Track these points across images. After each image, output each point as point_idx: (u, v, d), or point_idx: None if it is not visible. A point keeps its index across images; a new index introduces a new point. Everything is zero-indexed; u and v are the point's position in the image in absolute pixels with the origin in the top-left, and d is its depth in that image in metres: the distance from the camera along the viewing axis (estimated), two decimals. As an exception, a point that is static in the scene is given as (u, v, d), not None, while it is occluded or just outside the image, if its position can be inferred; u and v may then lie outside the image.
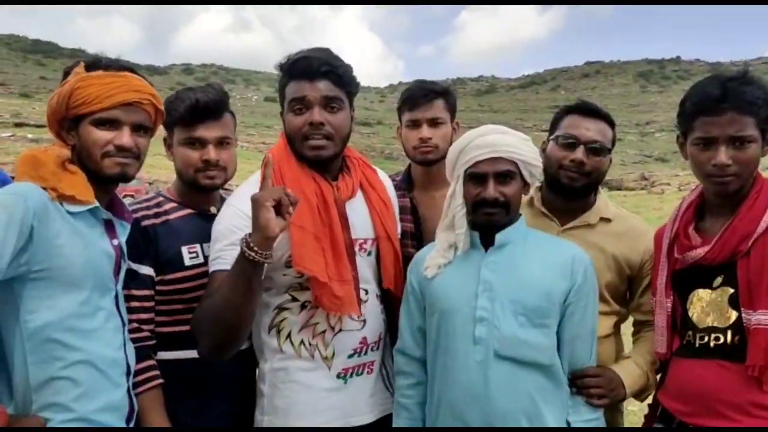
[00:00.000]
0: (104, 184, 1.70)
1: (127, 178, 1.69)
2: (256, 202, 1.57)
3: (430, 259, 1.93)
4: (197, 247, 1.99)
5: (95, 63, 1.67)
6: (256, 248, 1.56)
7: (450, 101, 2.47)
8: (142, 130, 1.70)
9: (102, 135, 1.63)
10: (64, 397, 1.55)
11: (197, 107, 1.96)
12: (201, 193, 2.06)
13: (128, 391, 1.71)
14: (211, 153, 1.99)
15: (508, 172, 1.82)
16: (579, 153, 2.07)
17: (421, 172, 2.48)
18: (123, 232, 1.78)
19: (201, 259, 1.97)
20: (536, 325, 1.79)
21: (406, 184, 2.49)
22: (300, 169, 1.89)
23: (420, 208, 2.41)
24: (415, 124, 2.43)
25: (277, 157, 1.91)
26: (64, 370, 1.55)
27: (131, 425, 1.73)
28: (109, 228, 1.72)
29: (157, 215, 2.00)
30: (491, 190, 1.80)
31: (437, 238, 1.97)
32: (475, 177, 1.83)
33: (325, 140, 1.86)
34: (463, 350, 1.80)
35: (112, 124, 1.64)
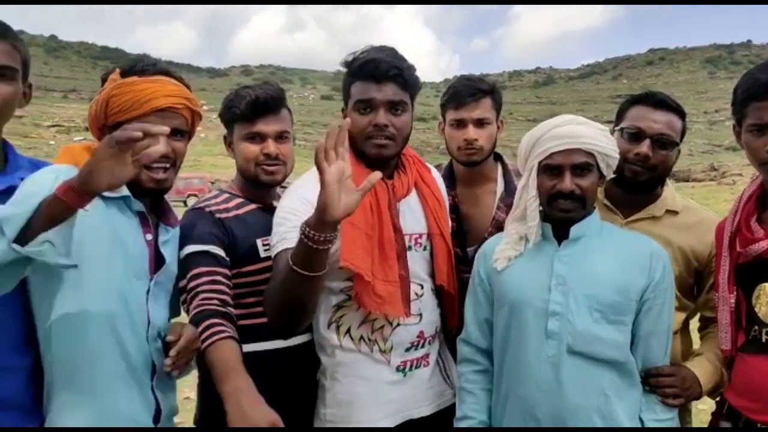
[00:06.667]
0: (144, 194, 1.70)
1: (164, 189, 1.71)
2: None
3: (499, 251, 1.90)
4: (270, 240, 2.01)
5: (131, 68, 1.68)
6: (313, 231, 1.49)
7: (497, 99, 2.40)
8: (179, 134, 1.71)
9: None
10: (86, 392, 1.56)
11: (257, 103, 2.00)
12: (262, 189, 2.10)
13: (152, 389, 1.68)
14: (271, 147, 2.02)
15: (585, 164, 1.77)
16: (644, 147, 2.00)
17: (464, 170, 2.43)
18: (165, 233, 1.77)
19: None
20: (611, 322, 1.75)
21: (448, 180, 2.41)
22: (357, 167, 1.88)
23: (462, 205, 2.36)
24: (460, 124, 2.35)
25: None
26: (87, 363, 1.56)
27: (159, 424, 1.70)
28: (144, 223, 1.72)
29: (227, 210, 2.03)
30: (567, 182, 1.75)
31: (506, 229, 1.94)
32: (550, 169, 1.78)
33: (388, 140, 1.89)
34: (534, 344, 1.77)
35: None
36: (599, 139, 1.78)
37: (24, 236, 1.28)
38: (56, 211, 1.29)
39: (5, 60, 1.55)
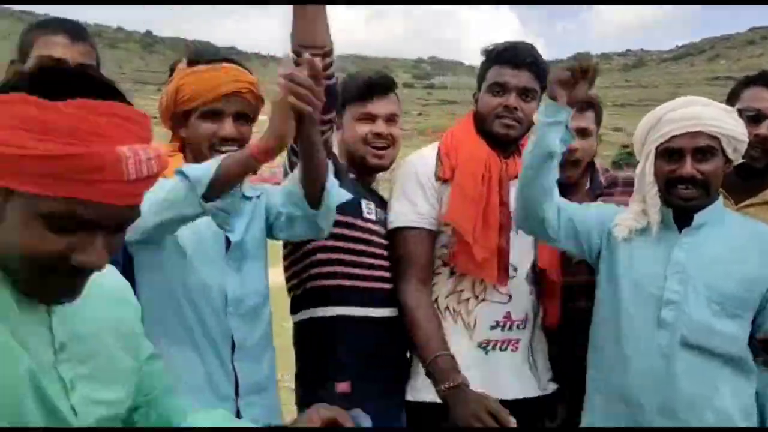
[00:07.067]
0: None
1: None
2: None
3: (621, 218, 1.82)
4: (372, 205, 2.05)
5: (196, 57, 1.75)
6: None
7: (598, 113, 2.34)
8: (243, 118, 1.74)
9: (207, 127, 1.68)
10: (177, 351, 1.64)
11: (371, 83, 2.08)
12: (365, 174, 2.12)
13: (232, 362, 1.71)
14: (382, 126, 2.06)
15: (708, 148, 1.67)
16: (764, 128, 1.92)
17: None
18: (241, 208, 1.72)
19: (374, 217, 2.03)
20: (731, 315, 1.67)
21: None
22: (477, 142, 2.04)
23: None
24: None
25: (458, 133, 2.10)
26: (176, 334, 1.64)
27: (239, 398, 1.71)
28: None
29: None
30: (688, 167, 1.67)
31: (630, 205, 1.86)
32: (669, 153, 1.70)
33: (515, 122, 1.99)
34: (645, 333, 1.71)
35: (216, 115, 1.69)
36: (725, 121, 1.69)
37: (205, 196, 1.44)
38: (248, 169, 1.49)
39: (86, 60, 1.72)
